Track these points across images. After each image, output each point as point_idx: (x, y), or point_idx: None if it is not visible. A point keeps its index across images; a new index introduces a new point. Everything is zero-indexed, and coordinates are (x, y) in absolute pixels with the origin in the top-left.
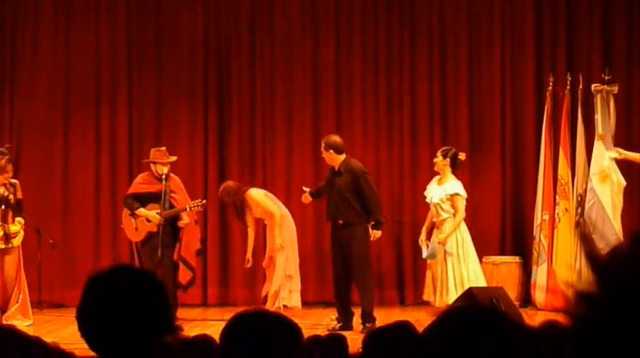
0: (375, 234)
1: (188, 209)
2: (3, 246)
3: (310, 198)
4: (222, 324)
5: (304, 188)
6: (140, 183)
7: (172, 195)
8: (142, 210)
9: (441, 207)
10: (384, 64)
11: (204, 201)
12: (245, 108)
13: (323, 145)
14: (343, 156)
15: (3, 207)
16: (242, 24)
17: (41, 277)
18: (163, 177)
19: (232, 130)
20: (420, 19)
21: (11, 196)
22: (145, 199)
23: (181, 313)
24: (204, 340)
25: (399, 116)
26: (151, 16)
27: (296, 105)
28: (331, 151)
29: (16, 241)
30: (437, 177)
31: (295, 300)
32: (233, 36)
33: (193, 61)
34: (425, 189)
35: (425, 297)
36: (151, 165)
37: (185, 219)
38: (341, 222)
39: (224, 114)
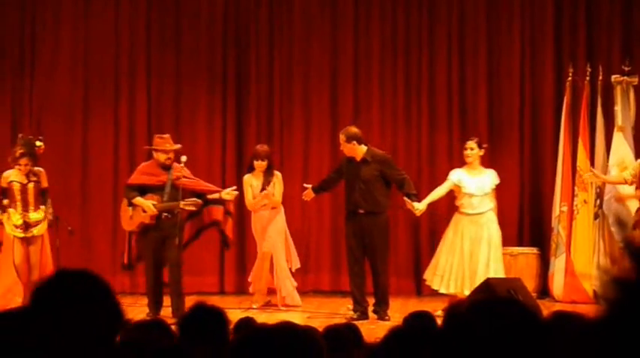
0: (417, 205)
1: (181, 205)
2: (22, 235)
3: (313, 195)
4: (240, 313)
5: (305, 184)
6: (143, 174)
7: (186, 179)
8: (138, 199)
9: (489, 198)
10: (402, 49)
11: (200, 201)
12: (263, 91)
13: (344, 138)
14: (365, 147)
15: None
16: (261, 7)
17: (59, 264)
18: (172, 166)
19: (250, 113)
20: (439, 5)
21: (31, 185)
22: (146, 189)
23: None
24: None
25: (417, 103)
26: (170, 4)
27: (314, 90)
28: (354, 143)
29: (38, 230)
30: (465, 168)
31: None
32: (252, 19)
33: (212, 44)
34: (440, 177)
35: (446, 289)
36: (153, 153)
37: (227, 196)
38: (362, 211)
39: (242, 97)
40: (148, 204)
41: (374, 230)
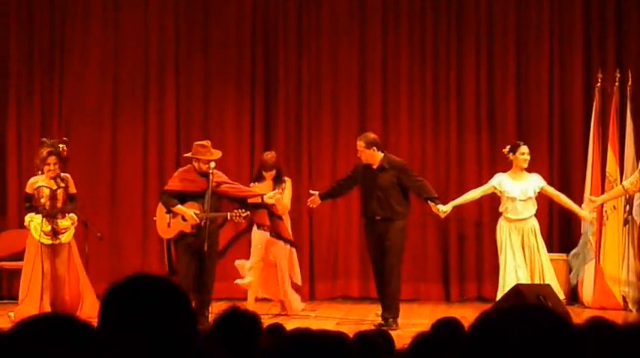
0: (442, 207)
1: (229, 217)
2: (50, 242)
3: (319, 201)
4: (268, 319)
5: (312, 191)
6: (181, 180)
7: (227, 185)
8: (179, 208)
9: (533, 201)
10: (431, 55)
11: (247, 213)
12: (291, 92)
13: (363, 144)
14: (382, 153)
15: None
16: (289, 11)
17: (89, 269)
18: (210, 172)
19: (278, 114)
20: (467, 10)
21: (60, 191)
22: (185, 196)
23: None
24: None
25: (446, 108)
26: (199, 3)
27: (342, 94)
28: (374, 149)
29: (65, 237)
30: (508, 173)
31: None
32: (280, 19)
33: (240, 45)
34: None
35: None
36: (193, 161)
37: (270, 200)
38: (379, 217)
39: (270, 97)
40: (191, 214)
41: (388, 235)
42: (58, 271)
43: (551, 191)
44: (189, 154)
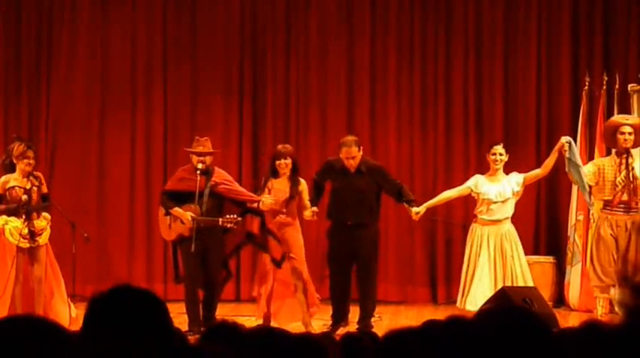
0: (415, 209)
1: (220, 223)
2: (28, 245)
3: (316, 211)
4: (255, 320)
5: (309, 206)
6: (179, 179)
7: (224, 186)
8: (176, 210)
9: (511, 203)
10: (419, 58)
11: (239, 219)
12: (279, 101)
13: (356, 149)
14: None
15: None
16: (278, 15)
17: (75, 271)
18: (197, 172)
19: (266, 123)
20: (455, 13)
21: (34, 189)
22: (183, 196)
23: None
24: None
25: (434, 110)
26: (187, 7)
27: (330, 98)
28: (361, 149)
29: (43, 239)
30: (485, 175)
31: None
32: (268, 29)
33: (228, 54)
34: (456, 184)
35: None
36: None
37: (267, 201)
38: (350, 222)
39: (258, 106)
40: (187, 217)
41: (364, 242)
42: (36, 273)
43: (533, 173)
44: (187, 148)
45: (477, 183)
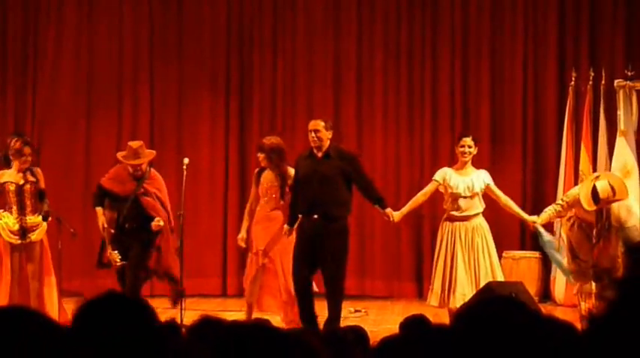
0: (390, 212)
1: (153, 228)
2: (19, 242)
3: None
4: (241, 315)
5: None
6: (113, 179)
7: (146, 198)
8: (99, 211)
9: (479, 198)
10: (405, 55)
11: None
12: (266, 98)
13: (322, 124)
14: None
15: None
16: (264, 13)
17: (61, 266)
18: (146, 174)
19: (253, 120)
20: (442, 11)
21: (28, 186)
22: (114, 196)
23: (200, 304)
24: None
25: (420, 108)
26: (173, 4)
27: (317, 96)
28: (331, 133)
29: (36, 235)
30: (453, 168)
31: None
32: (255, 26)
33: (215, 52)
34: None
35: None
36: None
37: (158, 222)
38: (316, 216)
39: (245, 104)
40: (100, 223)
41: (333, 238)
42: (29, 269)
43: (496, 191)
44: (119, 155)
45: (445, 176)
